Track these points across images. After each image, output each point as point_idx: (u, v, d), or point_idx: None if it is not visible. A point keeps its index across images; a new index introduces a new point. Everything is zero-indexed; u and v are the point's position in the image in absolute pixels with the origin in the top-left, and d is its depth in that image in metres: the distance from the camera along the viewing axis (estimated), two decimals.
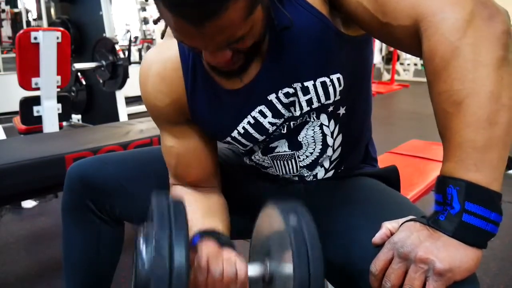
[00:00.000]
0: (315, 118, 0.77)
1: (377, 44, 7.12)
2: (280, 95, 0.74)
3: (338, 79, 0.72)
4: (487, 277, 1.60)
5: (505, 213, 0.55)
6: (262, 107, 0.76)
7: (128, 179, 0.89)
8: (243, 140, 0.80)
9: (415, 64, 8.65)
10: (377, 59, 7.16)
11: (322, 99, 0.73)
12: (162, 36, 0.75)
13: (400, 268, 0.55)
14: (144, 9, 7.34)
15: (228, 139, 0.80)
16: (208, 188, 0.86)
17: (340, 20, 0.71)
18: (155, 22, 0.71)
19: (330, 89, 0.72)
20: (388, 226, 0.62)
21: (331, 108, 0.76)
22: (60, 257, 0.96)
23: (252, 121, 0.77)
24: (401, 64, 8.68)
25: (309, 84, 0.72)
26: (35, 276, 1.58)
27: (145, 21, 7.31)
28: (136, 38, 7.48)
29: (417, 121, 4.50)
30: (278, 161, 0.83)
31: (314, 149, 0.81)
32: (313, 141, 0.80)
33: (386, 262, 0.57)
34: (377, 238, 0.62)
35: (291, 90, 0.73)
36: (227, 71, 0.69)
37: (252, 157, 0.86)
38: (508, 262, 1.71)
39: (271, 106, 0.75)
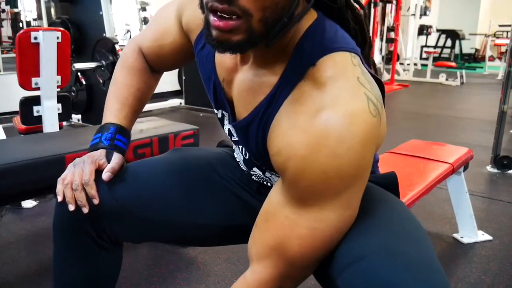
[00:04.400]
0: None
1: (377, 44, 7.12)
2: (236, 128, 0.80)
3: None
4: (487, 277, 1.60)
5: (505, 213, 0.55)
6: (227, 114, 0.82)
7: (128, 198, 0.84)
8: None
9: (415, 64, 8.64)
10: (377, 59, 7.14)
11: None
12: None
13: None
14: (144, 9, 7.33)
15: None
16: (154, 70, 1.03)
17: None
18: None
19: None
20: None
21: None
22: None
23: (220, 116, 0.85)
24: (401, 64, 8.66)
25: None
26: (35, 276, 1.58)
27: (145, 21, 7.29)
28: None
29: (417, 121, 4.50)
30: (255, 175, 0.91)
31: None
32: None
33: None
34: None
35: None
36: (220, 33, 0.59)
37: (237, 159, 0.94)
38: (508, 262, 1.71)
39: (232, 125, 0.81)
